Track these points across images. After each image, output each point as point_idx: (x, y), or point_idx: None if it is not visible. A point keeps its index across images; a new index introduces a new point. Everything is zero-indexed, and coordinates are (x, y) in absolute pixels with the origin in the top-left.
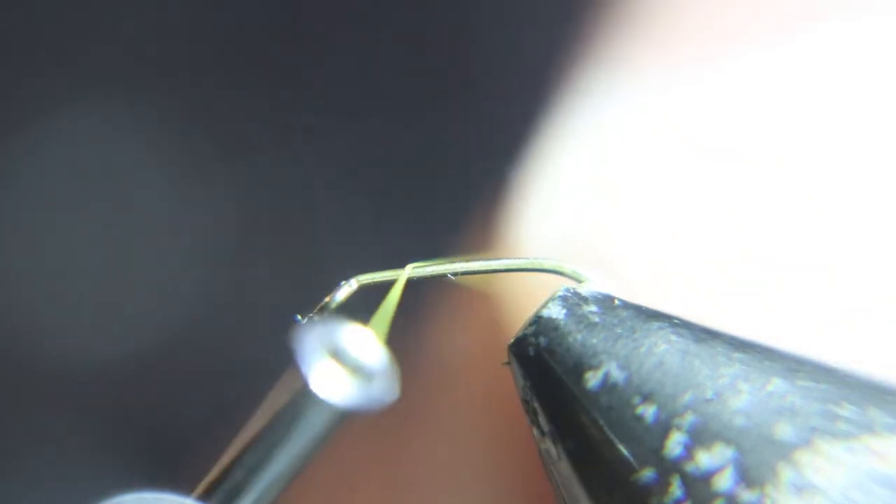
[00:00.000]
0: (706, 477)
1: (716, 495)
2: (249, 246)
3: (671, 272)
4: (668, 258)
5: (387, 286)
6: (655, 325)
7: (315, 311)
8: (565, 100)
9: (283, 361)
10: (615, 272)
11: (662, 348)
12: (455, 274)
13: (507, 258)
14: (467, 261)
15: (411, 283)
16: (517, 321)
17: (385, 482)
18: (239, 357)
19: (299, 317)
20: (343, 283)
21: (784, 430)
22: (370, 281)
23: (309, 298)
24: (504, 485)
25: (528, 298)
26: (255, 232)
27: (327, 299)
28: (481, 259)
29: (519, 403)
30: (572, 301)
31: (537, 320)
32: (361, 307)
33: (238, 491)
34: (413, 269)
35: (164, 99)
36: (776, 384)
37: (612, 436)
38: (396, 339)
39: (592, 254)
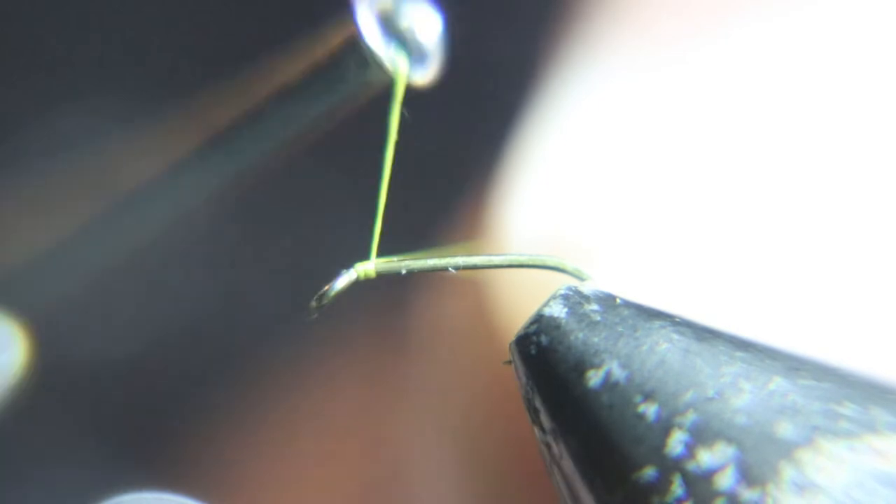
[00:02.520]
0: (708, 475)
1: (717, 494)
2: (249, 245)
3: (663, 266)
4: (659, 251)
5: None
6: (657, 323)
7: (313, 300)
8: (548, 92)
9: (283, 360)
10: (604, 264)
11: (664, 347)
12: (456, 268)
13: (510, 254)
14: (469, 255)
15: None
16: (516, 318)
17: (367, 447)
18: (239, 357)
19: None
20: (343, 271)
21: (786, 429)
22: (370, 270)
23: (308, 298)
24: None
25: (529, 294)
26: (256, 232)
27: (326, 288)
28: (483, 254)
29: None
30: (574, 300)
31: (539, 319)
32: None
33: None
34: (411, 263)
35: (163, 99)
36: (778, 383)
37: (613, 434)
38: (388, 314)
39: (580, 246)
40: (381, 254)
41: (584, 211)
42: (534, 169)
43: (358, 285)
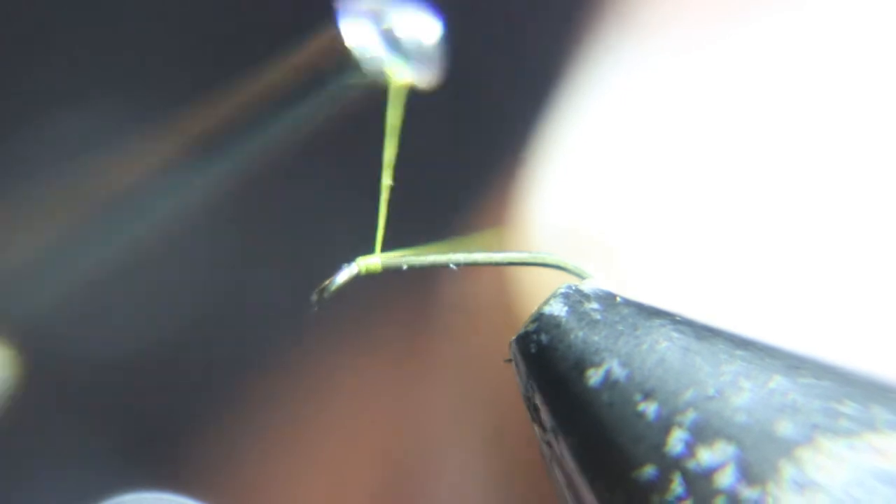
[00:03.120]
0: (708, 474)
1: (717, 492)
2: (249, 245)
3: (673, 263)
4: (671, 249)
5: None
6: (657, 322)
7: (315, 294)
8: (575, 83)
9: (287, 357)
10: (618, 260)
11: (664, 345)
12: (457, 264)
13: (511, 251)
14: (470, 252)
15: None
16: (519, 316)
17: (392, 419)
18: (239, 357)
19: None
20: (344, 265)
21: (786, 428)
22: (370, 265)
23: (308, 298)
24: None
25: (531, 292)
26: (256, 231)
27: (327, 282)
28: (484, 251)
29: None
30: (574, 298)
31: (539, 317)
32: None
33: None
34: (412, 258)
35: (164, 99)
36: (778, 381)
37: (613, 433)
38: (414, 287)
39: (598, 242)
40: (393, 247)
41: (606, 205)
42: (558, 161)
43: (363, 277)
